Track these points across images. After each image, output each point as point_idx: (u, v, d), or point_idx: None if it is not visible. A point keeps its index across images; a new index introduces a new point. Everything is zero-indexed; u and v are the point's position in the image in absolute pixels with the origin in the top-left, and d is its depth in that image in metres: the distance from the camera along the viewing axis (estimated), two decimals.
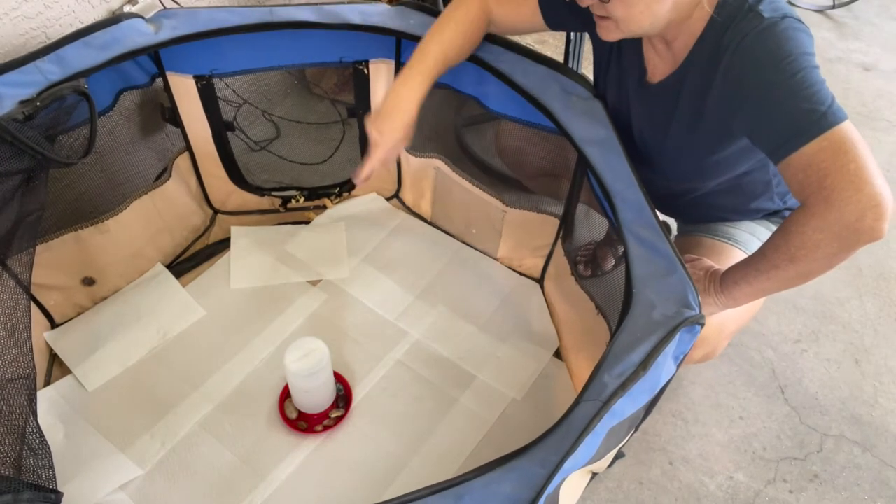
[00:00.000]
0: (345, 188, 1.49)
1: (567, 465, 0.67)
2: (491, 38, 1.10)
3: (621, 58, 1.00)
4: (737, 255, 1.01)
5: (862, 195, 0.70)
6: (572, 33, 1.38)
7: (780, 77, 0.76)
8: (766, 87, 0.77)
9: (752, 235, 1.05)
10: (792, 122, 0.75)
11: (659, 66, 0.94)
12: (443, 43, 1.02)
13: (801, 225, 0.76)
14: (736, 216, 1.08)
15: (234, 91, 1.53)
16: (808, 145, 0.74)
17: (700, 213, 1.11)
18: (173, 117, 1.27)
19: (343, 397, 1.16)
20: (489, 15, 1.06)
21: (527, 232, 1.32)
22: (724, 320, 0.96)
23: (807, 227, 0.75)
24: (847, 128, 0.73)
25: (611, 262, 1.24)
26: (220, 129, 1.32)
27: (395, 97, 1.01)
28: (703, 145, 0.93)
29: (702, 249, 1.04)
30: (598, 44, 1.05)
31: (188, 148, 1.33)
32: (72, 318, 1.24)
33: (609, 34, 0.87)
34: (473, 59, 1.09)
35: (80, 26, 1.03)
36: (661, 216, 1.23)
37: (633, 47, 0.97)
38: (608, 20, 0.85)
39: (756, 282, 0.84)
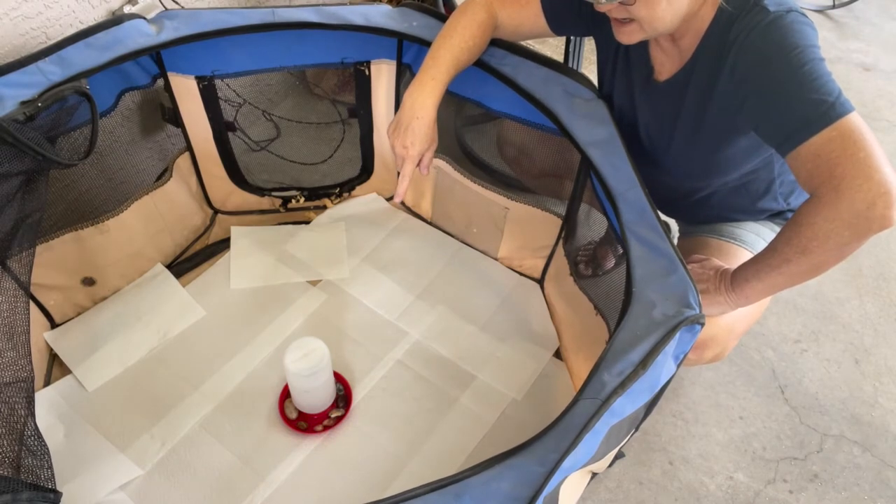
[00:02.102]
0: (345, 188, 1.49)
1: (566, 463, 0.67)
2: (493, 42, 1.10)
3: (628, 58, 1.00)
4: (743, 255, 1.01)
5: (872, 183, 0.71)
6: None
7: (787, 69, 0.76)
8: (774, 80, 0.78)
9: (757, 236, 1.05)
10: (800, 113, 0.75)
11: (666, 65, 0.94)
12: (453, 49, 1.02)
13: (811, 216, 0.76)
14: (740, 216, 1.08)
15: (235, 91, 1.53)
16: (818, 136, 0.74)
17: (704, 213, 1.11)
18: (174, 117, 1.27)
19: (343, 397, 1.16)
20: (495, 19, 1.06)
21: (529, 231, 1.32)
22: (734, 320, 0.96)
23: (818, 218, 0.75)
24: (855, 118, 0.73)
25: (611, 262, 1.25)
26: (221, 130, 1.32)
27: (412, 105, 1.00)
28: (709, 142, 0.93)
29: (708, 250, 1.04)
30: (602, 45, 1.06)
31: (189, 148, 1.33)
32: (72, 318, 1.24)
33: (631, 37, 0.86)
34: (476, 62, 1.09)
35: (81, 26, 1.04)
36: (663, 217, 1.23)
37: (638, 46, 0.97)
38: (630, 23, 0.85)
39: (768, 278, 0.84)
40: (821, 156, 0.74)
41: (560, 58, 1.48)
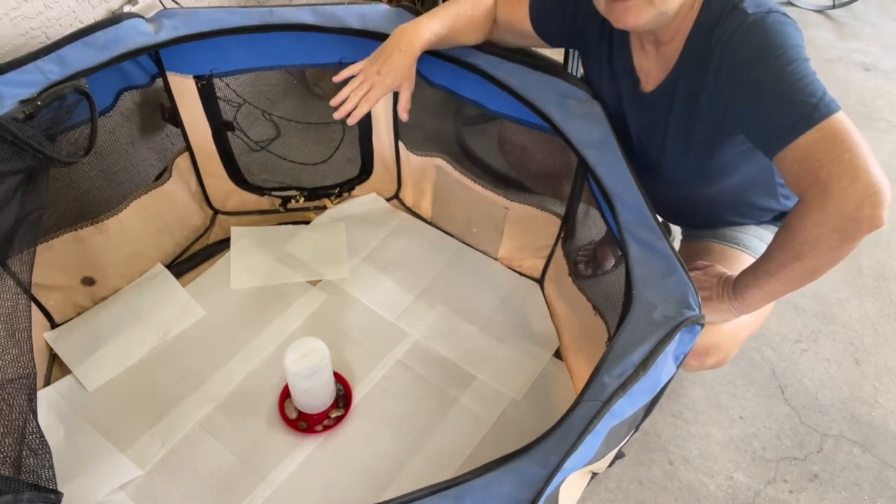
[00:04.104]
0: (345, 188, 1.49)
1: (567, 465, 0.67)
2: (489, 49, 1.10)
3: (613, 70, 1.00)
4: (746, 261, 1.01)
5: (858, 184, 0.70)
6: None
7: (770, 70, 0.75)
8: (757, 81, 0.77)
9: (760, 240, 1.04)
10: (784, 115, 0.75)
11: (652, 74, 0.94)
12: (455, 12, 1.04)
13: (801, 220, 0.75)
14: (743, 220, 1.07)
15: (235, 91, 1.53)
16: (802, 137, 0.73)
17: (707, 218, 1.11)
18: (173, 117, 1.27)
19: (343, 397, 1.16)
20: (494, 12, 1.07)
21: (529, 231, 1.32)
22: (737, 327, 0.95)
23: (807, 222, 0.75)
24: (840, 118, 0.72)
25: (611, 262, 1.24)
26: (220, 129, 1.32)
27: (400, 38, 1.01)
28: (701, 149, 0.93)
29: (712, 256, 1.04)
30: (587, 59, 1.06)
31: (188, 148, 1.33)
32: (72, 318, 1.24)
33: (638, 15, 0.81)
34: (473, 68, 1.09)
35: (80, 26, 1.03)
36: (665, 222, 1.22)
37: (623, 58, 0.97)
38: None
39: (766, 284, 0.83)
40: (806, 158, 0.73)
41: (560, 58, 1.48)
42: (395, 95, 1.32)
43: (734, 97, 0.80)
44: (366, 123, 1.39)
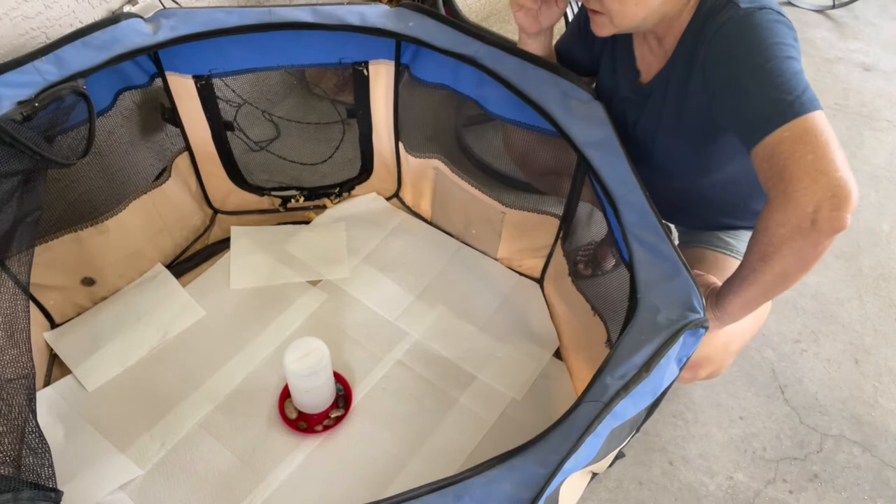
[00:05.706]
0: (345, 188, 1.49)
1: (568, 465, 0.66)
2: (490, 41, 1.10)
3: (615, 61, 1.00)
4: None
5: (817, 186, 0.69)
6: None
7: (751, 65, 0.75)
8: (739, 75, 0.77)
9: None
10: (759, 111, 0.74)
11: (653, 65, 0.95)
12: None
13: (765, 221, 0.75)
14: (737, 222, 1.07)
15: (234, 91, 1.53)
16: (773, 134, 0.72)
17: (700, 217, 1.10)
18: (173, 117, 1.27)
19: (343, 397, 1.16)
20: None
21: (526, 233, 1.32)
22: (729, 339, 0.94)
23: (770, 223, 0.74)
24: (813, 118, 0.71)
25: (611, 262, 1.24)
26: (220, 129, 1.32)
27: None
28: (690, 141, 0.93)
29: (704, 263, 1.03)
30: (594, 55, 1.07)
31: (188, 148, 1.33)
32: (72, 318, 1.24)
33: (602, 29, 0.88)
34: (472, 62, 1.09)
35: (80, 26, 1.03)
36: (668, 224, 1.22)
37: (626, 49, 0.98)
38: (602, 15, 0.86)
39: (742, 291, 0.82)
40: (774, 156, 0.72)
41: None
42: (396, 94, 1.33)
43: (716, 91, 0.81)
44: (366, 123, 1.39)
